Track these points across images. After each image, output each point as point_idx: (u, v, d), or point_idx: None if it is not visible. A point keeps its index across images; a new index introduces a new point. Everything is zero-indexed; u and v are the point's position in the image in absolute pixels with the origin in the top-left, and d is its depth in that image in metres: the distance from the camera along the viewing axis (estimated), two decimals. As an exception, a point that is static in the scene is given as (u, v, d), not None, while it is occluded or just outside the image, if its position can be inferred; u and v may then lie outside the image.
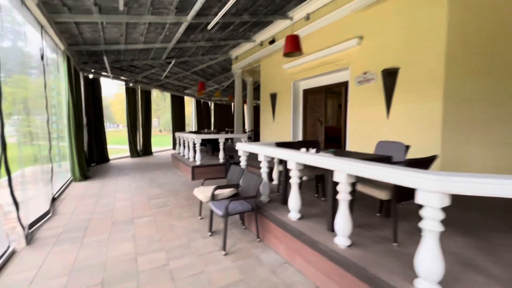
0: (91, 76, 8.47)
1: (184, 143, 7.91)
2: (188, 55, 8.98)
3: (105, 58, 6.95)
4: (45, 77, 4.45)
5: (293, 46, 3.32)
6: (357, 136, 5.25)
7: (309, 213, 2.84)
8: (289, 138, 7.36)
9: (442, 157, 3.86)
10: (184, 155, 7.31)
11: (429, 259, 1.50)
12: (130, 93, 10.05)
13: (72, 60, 6.24)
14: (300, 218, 2.67)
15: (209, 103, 17.26)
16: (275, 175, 4.08)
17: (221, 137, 6.33)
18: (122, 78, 9.86)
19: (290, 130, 7.30)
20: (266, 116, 8.46)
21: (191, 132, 9.38)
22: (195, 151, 6.61)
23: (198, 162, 6.14)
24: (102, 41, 6.33)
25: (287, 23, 6.86)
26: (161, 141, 22.00)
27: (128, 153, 10.28)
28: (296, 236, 2.44)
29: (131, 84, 10.15)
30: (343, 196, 2.06)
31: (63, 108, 5.84)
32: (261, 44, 8.30)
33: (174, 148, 13.04)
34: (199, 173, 6.04)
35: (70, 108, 5.71)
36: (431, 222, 1.47)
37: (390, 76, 4.50)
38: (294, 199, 2.63)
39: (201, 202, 3.59)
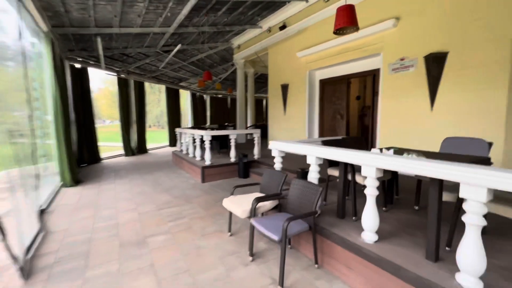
0: (78, 65, 7.49)
1: (188, 140, 7.15)
2: (187, 42, 8.13)
3: (98, 40, 6.03)
4: (25, 65, 3.59)
5: (348, 20, 2.65)
6: (391, 131, 4.69)
7: (384, 231, 2.23)
8: (303, 134, 6.74)
9: (508, 153, 3.34)
10: (188, 154, 6.57)
11: None
12: (122, 85, 9.11)
13: (57, 45, 5.33)
14: (377, 241, 2.06)
15: (205, 96, 16.37)
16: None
17: (233, 133, 5.63)
18: (113, 68, 8.89)
19: (305, 124, 6.68)
20: (275, 110, 7.79)
21: (197, 127, 8.59)
22: (203, 149, 5.89)
23: (208, 162, 5.43)
24: (92, 22, 5.43)
25: (301, 5, 6.17)
26: (153, 137, 20.94)
27: (122, 151, 9.39)
28: (382, 267, 1.83)
29: (123, 75, 9.19)
30: (473, 219, 1.44)
31: (48, 102, 4.97)
32: (269, 30, 7.57)
33: (170, 144, 12.20)
34: (210, 175, 5.35)
35: (58, 102, 4.84)
36: None
37: (436, 62, 3.92)
38: (370, 216, 2.02)
39: (230, 214, 2.92)
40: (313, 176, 2.58)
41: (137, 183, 5.31)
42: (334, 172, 2.90)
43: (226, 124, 12.90)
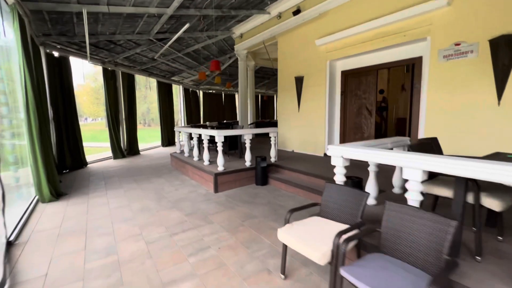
0: (56, 53, 6.33)
1: (193, 141, 6.23)
2: (185, 30, 7.13)
3: (85, 18, 4.95)
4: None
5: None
6: (440, 130, 4.01)
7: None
8: (321, 132, 5.99)
9: None
10: (193, 157, 5.65)
11: None
12: (109, 78, 7.98)
13: (28, 25, 4.25)
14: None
15: (198, 91, 15.31)
16: (414, 197, 2.71)
17: (248, 133, 4.78)
18: (98, 58, 7.74)
19: (324, 121, 5.93)
20: (286, 105, 6.99)
21: (198, 125, 7.64)
22: (209, 150, 5.01)
23: (221, 168, 4.56)
24: (73, -4, 4.38)
25: (321, -15, 5.37)
26: (141, 136, 19.61)
27: (110, 153, 8.28)
28: None
29: (109, 68, 8.06)
30: None
31: (18, 95, 3.92)
32: (279, 16, 6.73)
33: (163, 144, 11.13)
34: (223, 183, 4.48)
35: (30, 96, 3.80)
36: None
37: (508, 46, 3.26)
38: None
39: (285, 249, 2.09)
40: (415, 197, 1.80)
41: (135, 195, 4.36)
42: (435, 190, 2.12)
43: (225, 121, 11.97)
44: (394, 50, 4.78)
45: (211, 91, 16.26)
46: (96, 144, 17.08)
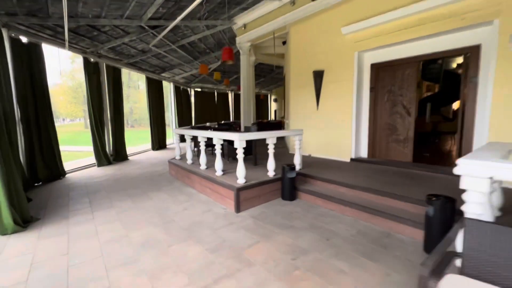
0: (24, 39, 5.13)
1: (197, 146, 5.26)
2: (183, 17, 6.12)
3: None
4: None
5: None
6: (510, 131, 3.34)
7: None
8: (348, 134, 5.23)
9: None
10: (200, 165, 4.67)
11: None
12: (92, 72, 6.79)
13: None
14: None
15: (189, 90, 14.20)
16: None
17: (271, 136, 3.89)
18: (79, 47, 6.54)
19: (351, 122, 5.17)
20: (302, 104, 6.17)
21: (204, 127, 6.63)
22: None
23: (242, 180, 3.64)
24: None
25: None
26: (126, 138, 18.10)
27: (93, 160, 7.08)
28: None
29: (92, 59, 6.87)
30: None
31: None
32: (293, 2, 5.91)
33: (154, 148, 9.97)
34: (247, 199, 3.57)
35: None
36: None
37: None
38: None
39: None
40: None
41: (132, 218, 3.34)
42: None
43: (223, 122, 10.99)
44: (440, 39, 4.09)
45: (203, 89, 15.18)
46: (75, 148, 15.46)
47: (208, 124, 8.78)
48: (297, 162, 4.42)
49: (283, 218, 3.23)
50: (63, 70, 27.50)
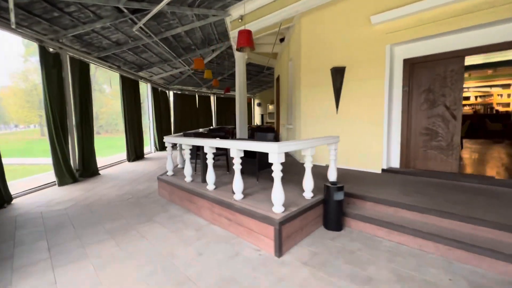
0: None
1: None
2: (170, 1, 4.98)
3: None
4: None
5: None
6: None
7: None
8: (378, 141, 4.48)
9: None
10: (208, 184, 3.56)
11: None
12: (51, 66, 5.30)
13: None
14: None
15: (167, 92, 12.79)
16: None
17: (309, 146, 2.94)
18: (32, 31, 5.03)
19: (383, 126, 4.43)
20: (315, 106, 5.32)
21: (201, 134, 5.40)
22: (239, 173, 3.04)
23: (280, 209, 2.61)
24: None
25: None
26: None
27: (52, 176, 5.51)
28: None
29: (51, 49, 5.38)
30: None
31: None
32: (305, -11, 5.09)
33: (130, 159, 8.45)
34: (288, 235, 2.56)
35: None
36: None
37: None
38: None
39: None
40: None
41: (120, 278, 2.14)
42: None
43: (213, 127, 9.77)
44: (490, 30, 3.51)
45: (183, 91, 13.83)
46: (29, 160, 13.05)
47: (201, 130, 7.55)
48: (333, 177, 3.51)
49: (348, 263, 2.27)
50: (15, 71, 24.04)
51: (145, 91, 10.64)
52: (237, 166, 3.02)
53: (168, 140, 4.37)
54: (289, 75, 7.26)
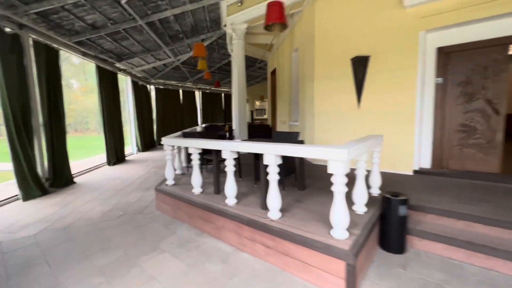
0: None
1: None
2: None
3: None
4: None
5: None
6: None
7: None
8: (409, 139, 4.02)
9: None
10: (227, 198, 2.84)
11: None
12: (7, 50, 4.18)
13: None
14: None
15: (148, 87, 11.63)
16: None
17: (368, 148, 2.33)
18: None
19: (414, 123, 3.96)
20: (331, 100, 4.75)
21: (204, 132, 4.55)
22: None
23: (344, 234, 1.97)
24: None
25: None
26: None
27: (15, 189, 4.40)
28: None
29: (7, 29, 4.25)
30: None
31: None
32: (321, -33, 4.48)
33: (110, 162, 7.36)
34: (360, 267, 1.93)
35: None
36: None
37: None
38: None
39: None
40: None
41: None
42: None
43: (206, 125, 8.86)
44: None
45: (165, 86, 12.70)
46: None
47: (198, 128, 6.66)
48: (376, 184, 2.96)
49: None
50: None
51: (124, 85, 9.46)
52: (273, 176, 2.33)
53: (168, 142, 3.55)
54: (293, 68, 6.64)
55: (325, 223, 2.23)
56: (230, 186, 2.78)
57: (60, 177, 5.16)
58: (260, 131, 8.78)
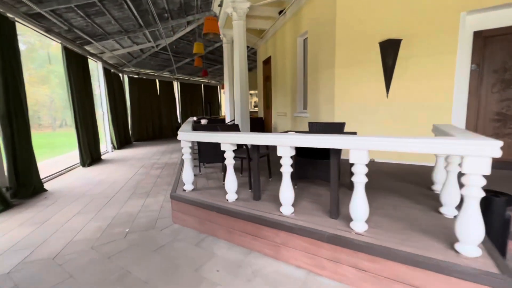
0: None
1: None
2: None
3: None
4: None
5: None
6: None
7: None
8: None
9: None
10: (283, 206, 2.25)
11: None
12: None
13: None
14: None
15: (121, 76, 10.27)
16: None
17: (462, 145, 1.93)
18: None
19: (451, 114, 3.73)
20: (355, 89, 4.35)
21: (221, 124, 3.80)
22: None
23: (477, 252, 1.54)
24: None
25: None
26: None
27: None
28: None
29: None
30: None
31: None
32: None
33: (84, 163, 6.18)
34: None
35: None
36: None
37: None
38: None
39: None
40: None
41: None
42: None
43: (199, 117, 7.92)
44: None
45: (139, 75, 11.38)
46: None
47: (203, 121, 5.80)
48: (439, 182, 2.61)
49: None
50: None
51: (95, 72, 8.11)
52: (361, 178, 1.81)
53: (187, 137, 2.81)
54: (297, 54, 6.13)
55: (432, 236, 1.78)
56: (288, 192, 2.20)
57: (26, 185, 4.05)
58: (254, 124, 8.17)
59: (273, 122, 8.15)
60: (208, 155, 3.77)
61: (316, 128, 3.26)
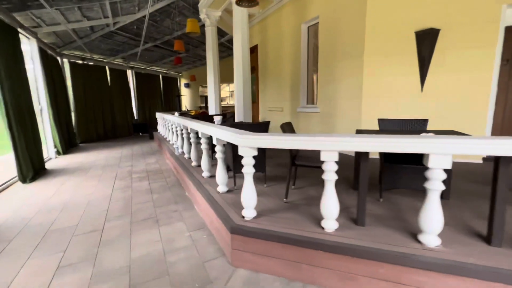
0: None
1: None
2: None
3: None
4: None
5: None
6: None
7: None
8: (481, 125, 3.73)
9: None
10: (327, 228, 1.61)
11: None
12: None
13: None
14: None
15: (59, 60, 8.06)
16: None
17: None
18: None
19: (488, 108, 3.68)
20: (389, 82, 4.00)
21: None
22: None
23: None
24: None
25: None
26: None
27: None
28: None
29: None
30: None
31: None
32: None
33: (25, 178, 4.40)
34: None
35: None
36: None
37: None
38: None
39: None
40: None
41: None
42: None
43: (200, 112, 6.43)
44: None
45: (85, 61, 9.19)
46: None
47: (216, 118, 4.59)
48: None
49: None
50: None
51: (28, 53, 6.00)
52: (438, 185, 1.32)
53: (262, 143, 1.92)
54: (302, 42, 5.53)
55: None
56: (334, 205, 1.59)
57: None
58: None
59: (262, 119, 7.44)
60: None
61: (389, 125, 2.72)
